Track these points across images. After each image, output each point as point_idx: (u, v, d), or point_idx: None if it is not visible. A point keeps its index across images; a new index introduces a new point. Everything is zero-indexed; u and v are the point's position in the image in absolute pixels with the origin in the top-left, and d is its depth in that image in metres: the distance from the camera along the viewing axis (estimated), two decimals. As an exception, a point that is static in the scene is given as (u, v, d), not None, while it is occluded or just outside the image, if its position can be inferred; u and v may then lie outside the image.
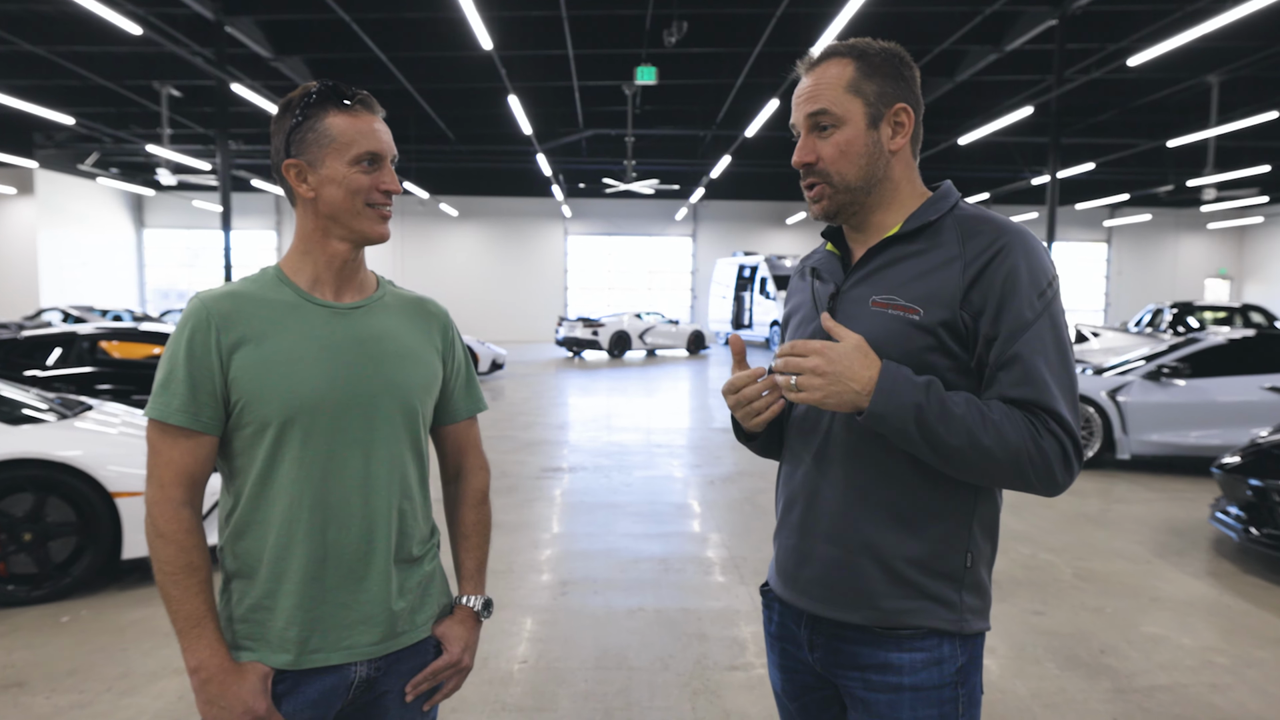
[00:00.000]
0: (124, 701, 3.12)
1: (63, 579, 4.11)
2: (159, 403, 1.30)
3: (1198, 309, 17.13)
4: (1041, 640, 3.79)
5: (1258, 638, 3.85)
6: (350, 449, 1.35)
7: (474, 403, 1.58)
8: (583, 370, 17.46)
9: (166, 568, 1.28)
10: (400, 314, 1.47)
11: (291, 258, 1.41)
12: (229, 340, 1.30)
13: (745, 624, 3.94)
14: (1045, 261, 1.25)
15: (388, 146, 1.38)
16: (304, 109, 1.34)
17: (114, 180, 23.64)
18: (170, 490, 1.29)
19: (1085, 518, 5.94)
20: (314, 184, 1.35)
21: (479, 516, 1.58)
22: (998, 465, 1.19)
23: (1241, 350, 7.39)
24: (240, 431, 1.33)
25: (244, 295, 1.35)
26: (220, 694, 1.27)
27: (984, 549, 1.32)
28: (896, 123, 1.31)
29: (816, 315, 1.36)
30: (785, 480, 1.43)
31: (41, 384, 7.10)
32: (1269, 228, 28.37)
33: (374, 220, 1.38)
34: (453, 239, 28.57)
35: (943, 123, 19.09)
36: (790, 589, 1.39)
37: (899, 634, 1.28)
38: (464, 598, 1.54)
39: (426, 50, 14.08)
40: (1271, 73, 14.83)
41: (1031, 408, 1.20)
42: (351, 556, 1.35)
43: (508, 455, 8.11)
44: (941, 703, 1.28)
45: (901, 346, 1.25)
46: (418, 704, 1.45)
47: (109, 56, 14.50)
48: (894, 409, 1.18)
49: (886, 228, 1.34)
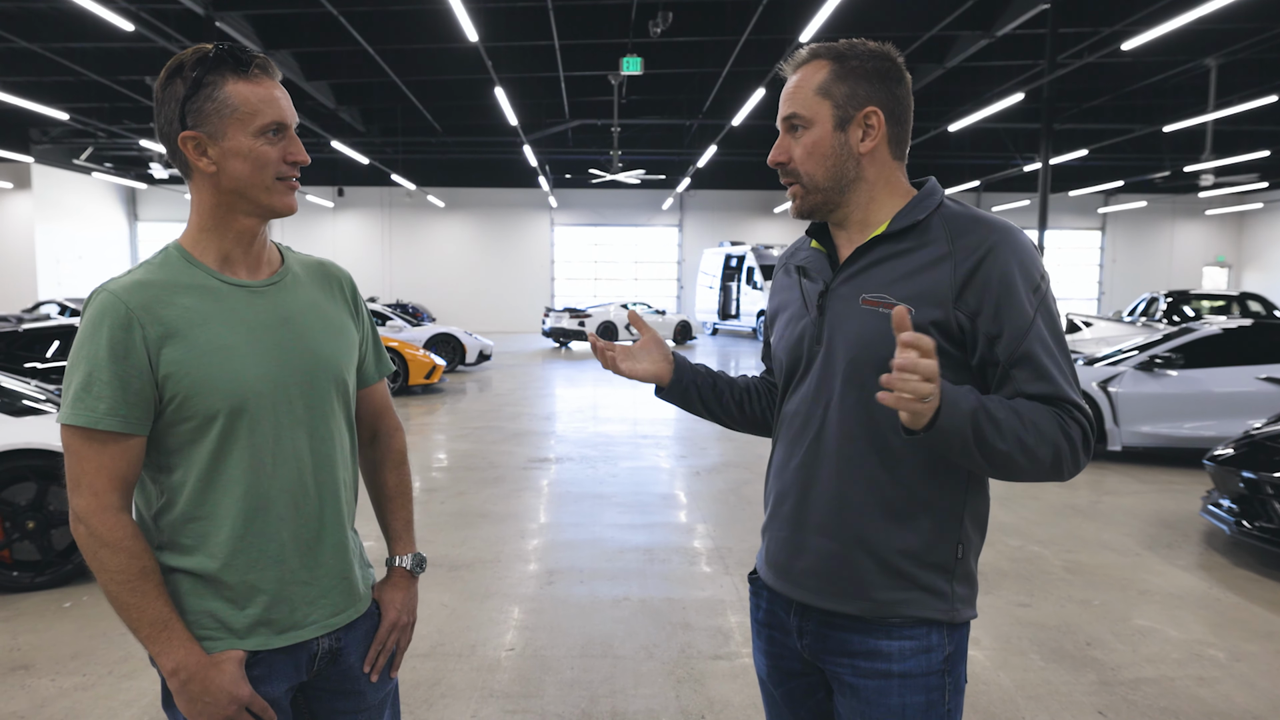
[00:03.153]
0: (125, 684, 3.21)
1: (64, 565, 4.20)
2: (82, 408, 1.21)
3: (1193, 298, 17.01)
4: (1027, 632, 3.74)
5: (1247, 631, 3.80)
6: (295, 429, 1.33)
7: (384, 364, 1.57)
8: (569, 361, 17.47)
9: (119, 576, 1.23)
10: (311, 285, 1.43)
11: (194, 235, 1.33)
12: (155, 334, 1.23)
13: (730, 613, 3.94)
14: (1035, 257, 1.29)
15: (292, 115, 1.31)
16: (199, 75, 1.24)
17: (108, 174, 23.75)
18: (106, 498, 1.23)
19: (1075, 510, 5.89)
20: (215, 157, 1.26)
21: (400, 477, 1.58)
22: (1038, 462, 1.22)
23: (1236, 340, 7.32)
24: (178, 427, 1.27)
25: (156, 284, 1.27)
26: (203, 690, 1.25)
27: (974, 539, 1.35)
28: (867, 125, 1.32)
29: (806, 313, 1.40)
30: (777, 473, 1.45)
31: (41, 376, 7.19)
32: (1269, 214, 28.25)
33: (283, 193, 1.32)
34: (439, 230, 28.52)
35: (933, 109, 18.99)
36: (783, 580, 1.42)
37: (889, 622, 1.32)
38: (395, 558, 1.55)
39: (413, 43, 14.16)
40: (1271, 55, 14.71)
41: (1053, 400, 1.25)
42: (309, 534, 1.35)
43: (495, 446, 8.06)
44: (929, 690, 1.32)
45: (892, 345, 1.24)
46: (384, 671, 1.49)
47: (102, 53, 14.61)
48: (955, 421, 1.16)
49: (873, 226, 1.36)
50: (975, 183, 24.22)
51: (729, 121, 17.43)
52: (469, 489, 6.33)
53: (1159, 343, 7.56)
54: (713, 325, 25.73)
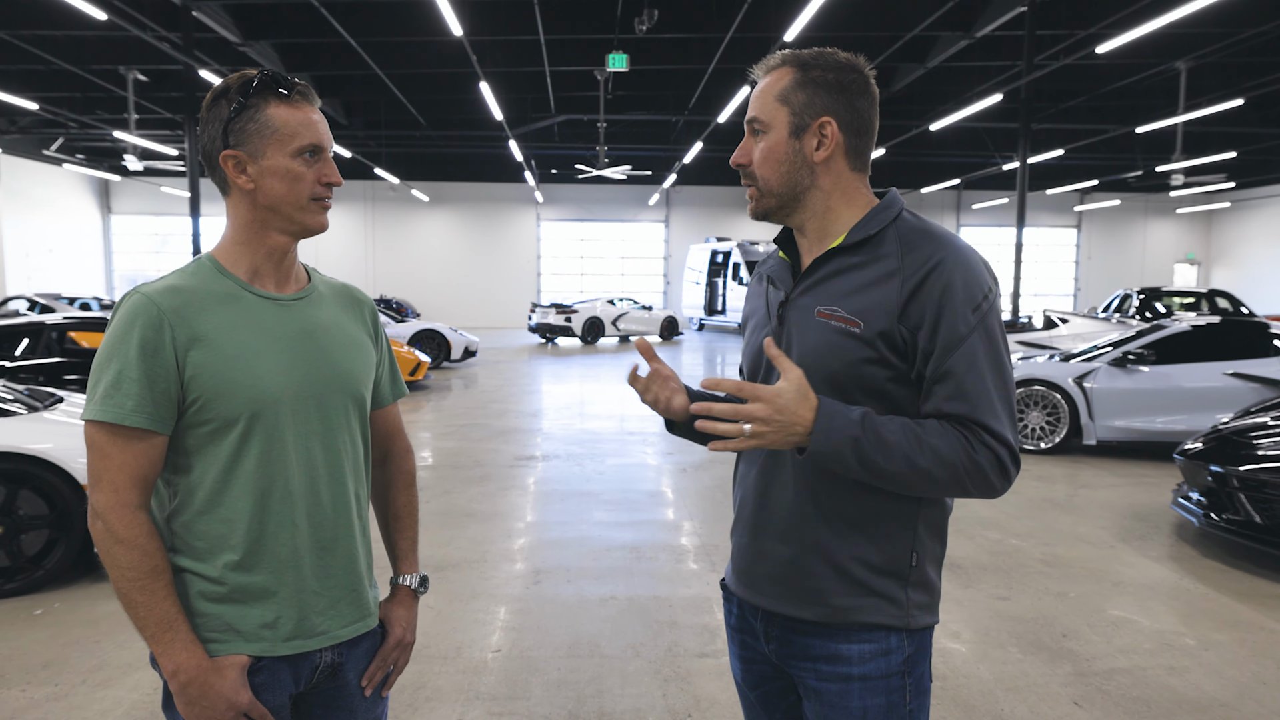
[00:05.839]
0: (99, 694, 3.12)
1: (35, 572, 4.09)
2: (111, 404, 1.25)
3: (1165, 294, 17.33)
4: (1006, 625, 3.84)
5: (1216, 620, 3.93)
6: (310, 439, 1.36)
7: (399, 387, 1.62)
8: (556, 357, 17.42)
9: (130, 574, 1.25)
10: (335, 303, 1.49)
11: (227, 248, 1.38)
12: (184, 337, 1.27)
13: (716, 611, 3.98)
14: (981, 276, 1.28)
15: (328, 139, 1.38)
16: (243, 98, 1.31)
17: (80, 166, 23.25)
18: (125, 494, 1.26)
19: (1051, 503, 6.03)
20: (254, 175, 1.33)
21: (409, 498, 1.62)
22: (936, 482, 1.25)
23: (1206, 337, 7.52)
24: (196, 429, 1.30)
25: (188, 290, 1.32)
26: (202, 694, 1.27)
27: (930, 547, 1.36)
28: (821, 135, 1.33)
29: (769, 322, 1.43)
30: (740, 481, 1.48)
31: (9, 375, 7.00)
32: (1236, 213, 28.88)
33: (317, 212, 1.38)
34: (424, 225, 28.32)
35: (914, 108, 19.17)
36: (744, 586, 1.45)
37: (848, 626, 1.34)
38: (401, 577, 1.58)
39: (396, 35, 13.99)
40: (1239, 59, 15.03)
41: (965, 422, 1.25)
42: (321, 543, 1.38)
43: (480, 443, 8.07)
44: (889, 691, 1.33)
45: (843, 358, 1.30)
46: (376, 690, 1.50)
47: (74, 41, 14.27)
48: (833, 446, 1.22)
49: (832, 236, 1.37)
50: (956, 180, 24.49)
51: (715, 118, 17.47)
52: (455, 487, 6.34)
53: (1132, 339, 7.73)
54: (699, 321, 25.80)
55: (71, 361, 7.36)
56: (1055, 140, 20.17)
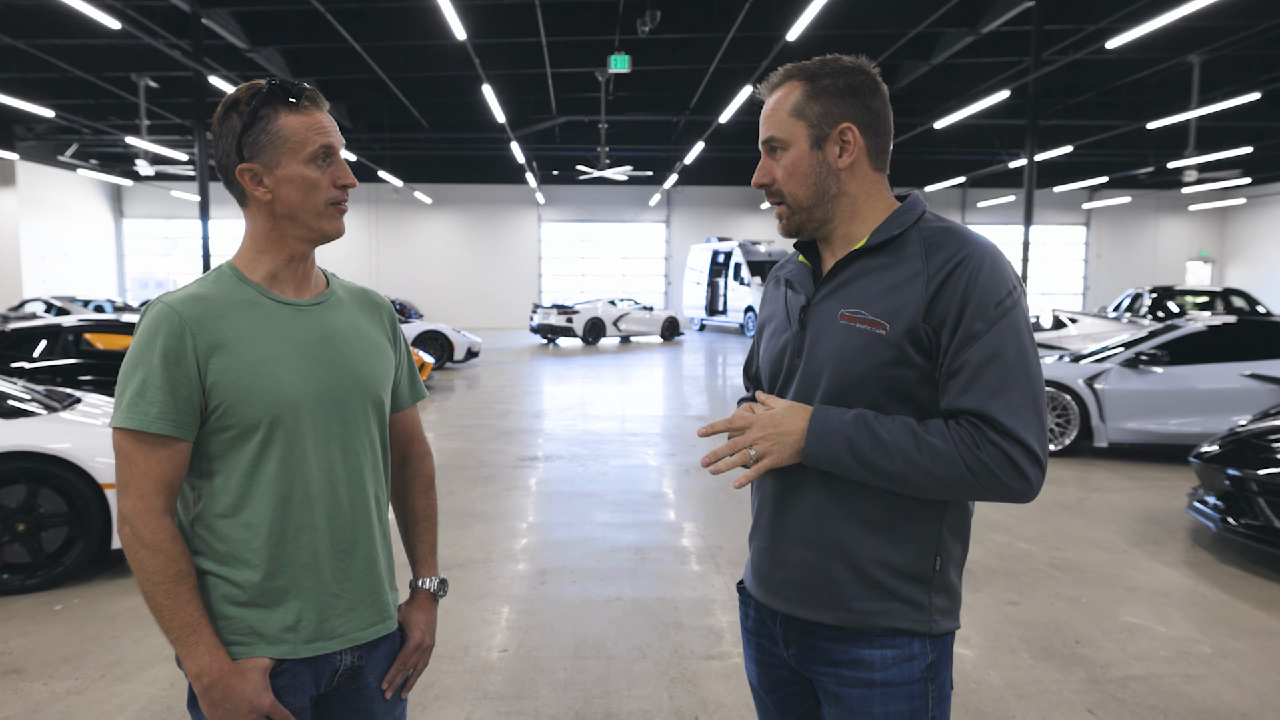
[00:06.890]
0: (118, 688, 3.20)
1: (55, 568, 4.21)
2: (136, 411, 1.28)
3: (1178, 293, 17.12)
4: (1017, 630, 3.76)
5: (1234, 628, 3.83)
6: (330, 444, 1.38)
7: (418, 390, 1.63)
8: (558, 357, 17.43)
9: (155, 578, 1.28)
10: (354, 307, 1.50)
11: (246, 255, 1.41)
12: (205, 345, 1.30)
13: (721, 613, 3.94)
14: (1005, 273, 1.28)
15: (339, 139, 1.39)
16: (253, 110, 1.33)
17: (93, 171, 23.58)
18: (151, 500, 1.29)
19: (1062, 506, 5.92)
20: (271, 186, 1.35)
21: (428, 501, 1.63)
22: (942, 481, 1.24)
23: (1222, 337, 7.38)
24: (219, 435, 1.33)
25: (209, 298, 1.34)
26: (225, 696, 1.29)
27: (954, 551, 1.35)
28: (843, 141, 1.33)
29: (789, 326, 1.42)
30: (758, 485, 1.47)
31: (28, 376, 7.10)
32: (1252, 209, 28.49)
33: (333, 217, 1.40)
34: (427, 227, 28.42)
35: (918, 106, 19.04)
36: (765, 591, 1.44)
37: (869, 631, 1.32)
38: (420, 580, 1.60)
39: (401, 39, 14.11)
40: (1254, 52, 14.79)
41: (975, 418, 1.24)
42: (341, 546, 1.40)
43: (484, 444, 8.04)
44: (912, 698, 1.32)
45: (868, 360, 1.29)
46: (396, 693, 1.52)
47: (88, 49, 14.51)
48: (827, 448, 1.25)
49: (854, 239, 1.37)
50: (961, 178, 24.33)
51: (716, 118, 17.43)
52: (459, 488, 6.31)
53: (1144, 339, 7.61)
54: (700, 321, 25.74)
55: (88, 363, 7.46)
56: (1064, 137, 19.98)
